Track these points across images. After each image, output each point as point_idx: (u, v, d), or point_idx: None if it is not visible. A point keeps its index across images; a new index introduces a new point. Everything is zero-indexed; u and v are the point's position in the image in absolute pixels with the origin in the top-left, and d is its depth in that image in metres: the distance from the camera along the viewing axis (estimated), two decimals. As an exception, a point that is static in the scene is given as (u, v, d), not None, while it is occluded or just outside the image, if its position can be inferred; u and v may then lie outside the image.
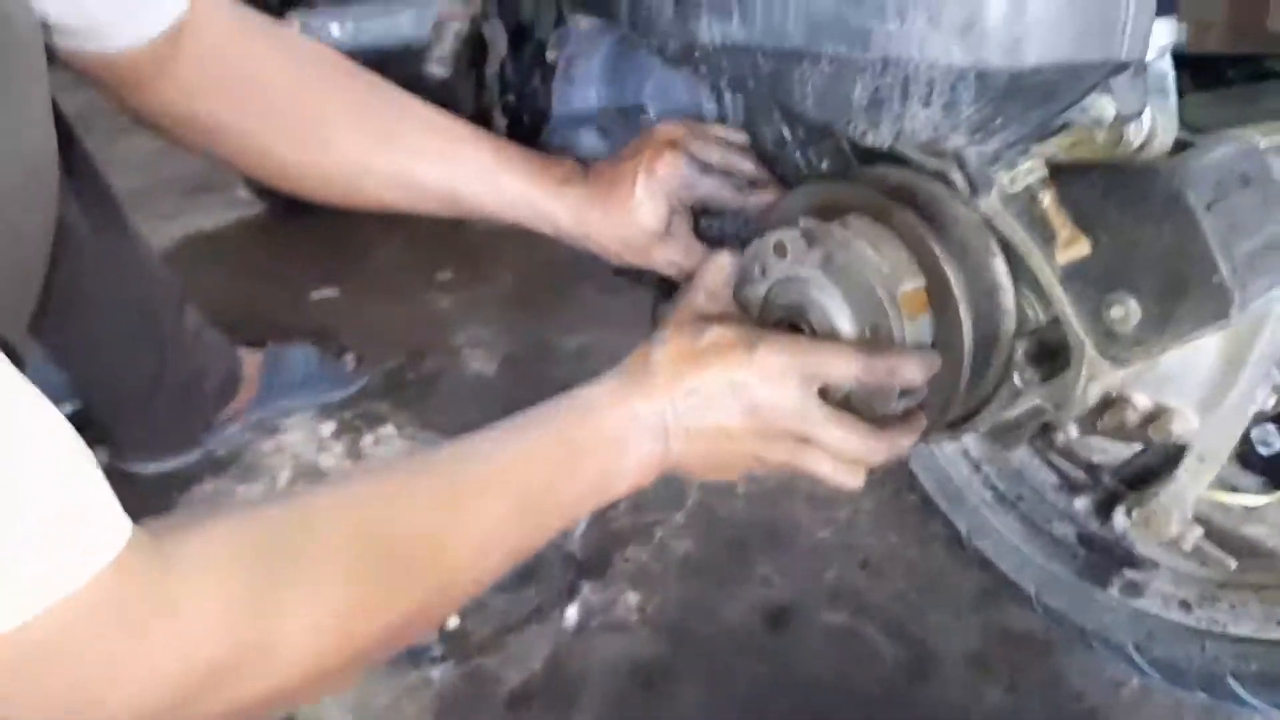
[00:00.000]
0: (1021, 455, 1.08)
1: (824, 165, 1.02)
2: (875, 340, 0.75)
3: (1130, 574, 0.96)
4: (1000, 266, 0.75)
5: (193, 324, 1.43)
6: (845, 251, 0.74)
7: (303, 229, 2.28)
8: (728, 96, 1.09)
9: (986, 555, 1.08)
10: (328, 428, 1.61)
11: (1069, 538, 1.02)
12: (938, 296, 0.75)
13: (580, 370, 1.79)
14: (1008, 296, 0.75)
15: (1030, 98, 0.61)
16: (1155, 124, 0.68)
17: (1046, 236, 0.71)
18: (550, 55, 1.19)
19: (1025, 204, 0.71)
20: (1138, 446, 0.99)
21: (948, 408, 0.80)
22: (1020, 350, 0.77)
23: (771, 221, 0.85)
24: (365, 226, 2.22)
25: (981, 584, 1.17)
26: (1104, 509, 1.01)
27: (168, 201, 2.49)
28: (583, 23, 1.14)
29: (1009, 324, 0.77)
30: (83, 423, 1.50)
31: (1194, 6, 0.72)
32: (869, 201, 0.77)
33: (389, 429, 1.59)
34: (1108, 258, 0.69)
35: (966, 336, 0.74)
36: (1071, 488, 1.03)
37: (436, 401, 1.65)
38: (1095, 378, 0.73)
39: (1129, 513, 0.89)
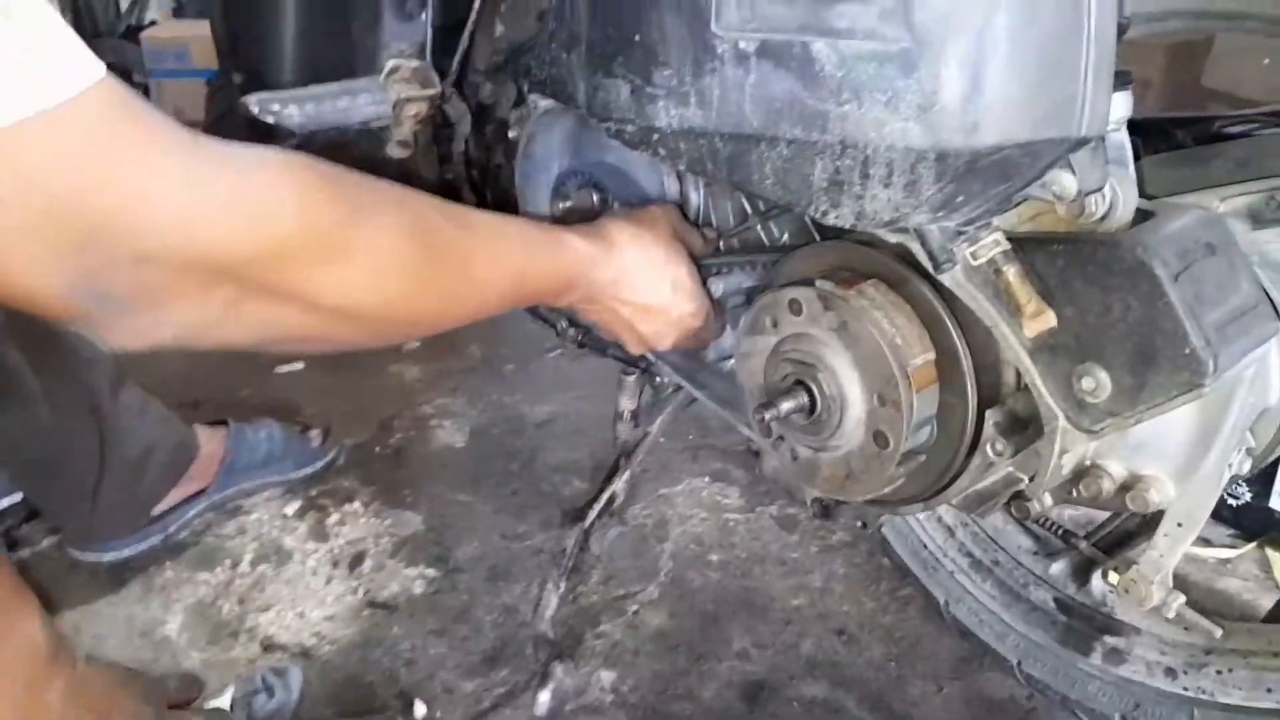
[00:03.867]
0: (995, 519, 1.07)
1: (785, 239, 1.03)
2: (882, 408, 0.76)
3: (1112, 640, 0.95)
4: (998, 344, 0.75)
5: (133, 401, 1.37)
6: (860, 321, 0.75)
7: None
8: (686, 178, 1.09)
9: (965, 623, 1.06)
10: (292, 506, 1.57)
11: (1048, 604, 1.00)
12: (946, 370, 0.75)
13: (548, 439, 1.79)
14: (1007, 370, 0.75)
15: (991, 176, 0.61)
16: (1116, 194, 0.68)
17: (1012, 310, 0.71)
18: (512, 133, 1.19)
19: (989, 277, 0.71)
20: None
21: (945, 480, 0.80)
22: (991, 422, 0.77)
23: (784, 277, 0.85)
24: None
25: (960, 651, 1.15)
26: (1081, 574, 1.00)
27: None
28: (542, 102, 1.15)
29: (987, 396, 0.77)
30: (29, 513, 1.46)
31: (1132, 67, 0.73)
32: (884, 268, 0.78)
33: (355, 505, 1.55)
34: (1076, 330, 0.69)
35: (971, 410, 0.75)
36: (1048, 553, 1.02)
37: (405, 475, 1.62)
38: (1069, 449, 0.73)
39: (1106, 577, 0.88)
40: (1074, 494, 0.80)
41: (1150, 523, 0.91)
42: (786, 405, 0.80)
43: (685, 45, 0.68)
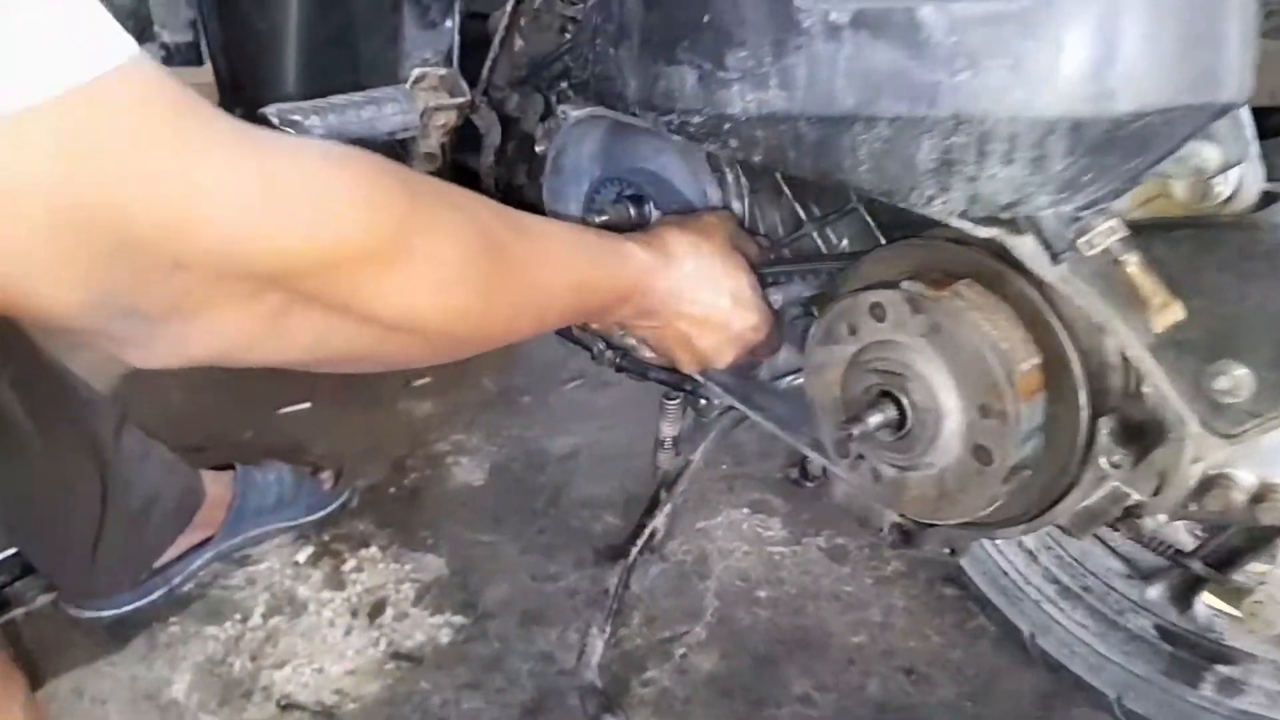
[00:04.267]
0: (1080, 542, 0.99)
1: (844, 244, 0.97)
2: (984, 419, 0.69)
3: (1225, 670, 0.86)
4: (1109, 344, 0.68)
5: (136, 445, 1.28)
6: (956, 323, 0.67)
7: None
8: (730, 180, 1.03)
9: (1054, 656, 0.98)
10: (305, 553, 1.48)
11: (1148, 631, 0.92)
12: (1053, 376, 0.68)
13: (572, 473, 1.71)
14: (1116, 374, 0.68)
15: (1128, 148, 0.55)
16: (1243, 174, 0.62)
17: (1132, 304, 0.64)
18: (539, 148, 1.12)
19: (1103, 269, 0.64)
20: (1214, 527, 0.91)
21: (1052, 498, 0.72)
22: (1106, 430, 0.69)
23: (861, 280, 0.78)
24: None
25: (1043, 687, 1.07)
26: (1182, 597, 0.92)
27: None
28: (573, 113, 1.08)
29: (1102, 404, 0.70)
30: (23, 568, 1.36)
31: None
32: (978, 266, 0.71)
33: (372, 550, 1.46)
34: (1208, 323, 0.62)
35: (1083, 419, 0.67)
36: (1143, 575, 0.94)
37: (423, 517, 1.53)
38: (1201, 456, 0.65)
39: (1223, 600, 0.80)
40: (1195, 508, 0.72)
41: (1263, 537, 0.84)
42: (874, 420, 0.73)
43: (764, 22, 0.62)
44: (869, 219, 0.89)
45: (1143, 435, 0.70)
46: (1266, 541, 0.84)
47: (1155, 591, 0.92)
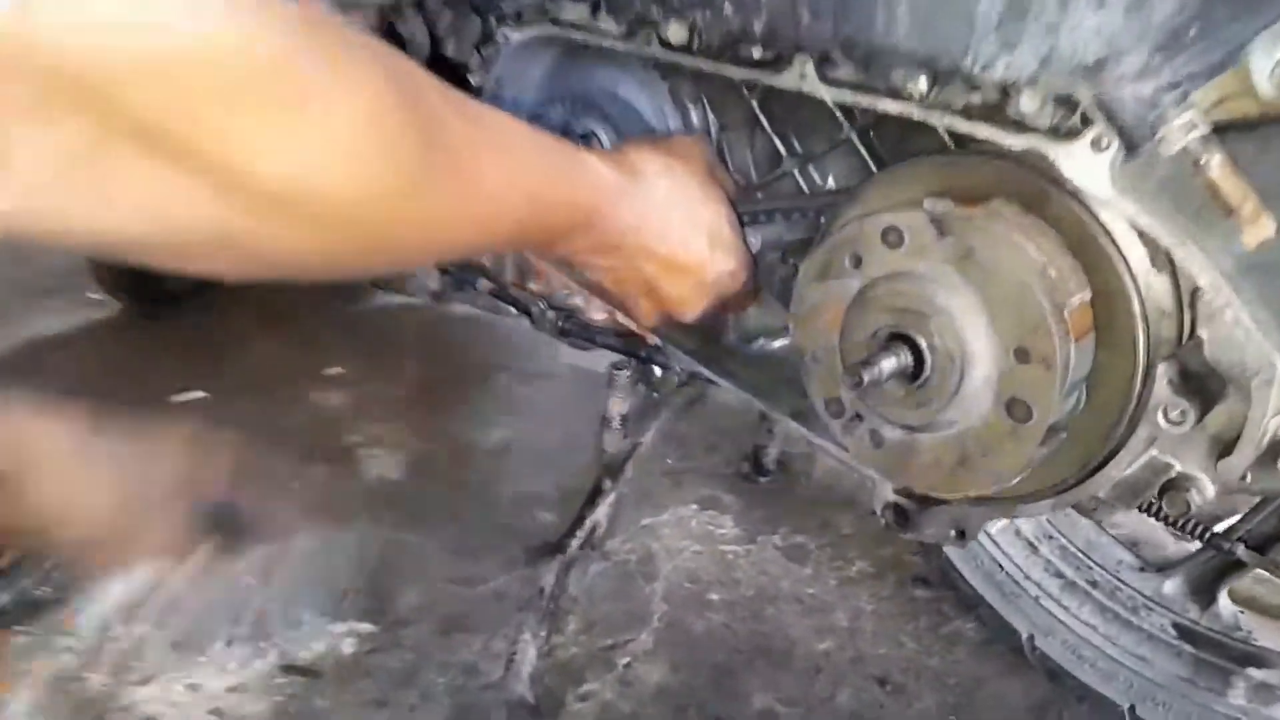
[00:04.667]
0: (1085, 530, 0.88)
1: (829, 183, 0.84)
2: (1023, 365, 0.56)
3: (1258, 674, 0.76)
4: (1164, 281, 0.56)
5: None
6: (994, 246, 0.55)
7: (166, 330, 1.96)
8: (696, 114, 0.90)
9: (1056, 661, 0.86)
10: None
11: (1166, 631, 0.81)
12: (1104, 314, 0.56)
13: (502, 468, 1.55)
14: (1171, 321, 0.56)
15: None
16: (1348, 60, 0.51)
17: (1210, 218, 0.53)
18: (474, 79, 0.98)
19: (1176, 175, 0.53)
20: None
21: (1094, 463, 0.60)
22: (1166, 380, 0.58)
23: (866, 206, 0.65)
24: (240, 323, 1.94)
25: (1034, 696, 0.95)
26: (1203, 592, 0.82)
27: (-2, 306, 2.12)
28: (514, 36, 0.94)
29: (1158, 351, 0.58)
30: None
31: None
32: (1014, 183, 0.58)
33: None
34: (1307, 239, 0.51)
35: (1139, 365, 0.56)
36: (1157, 568, 0.83)
37: (328, 513, 1.35)
38: (1287, 407, 0.54)
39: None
40: (1257, 476, 0.61)
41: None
42: (887, 364, 0.60)
43: None
44: (864, 151, 0.77)
45: (1204, 387, 0.59)
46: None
47: (1172, 585, 0.81)
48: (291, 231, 0.44)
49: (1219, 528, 0.75)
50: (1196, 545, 0.83)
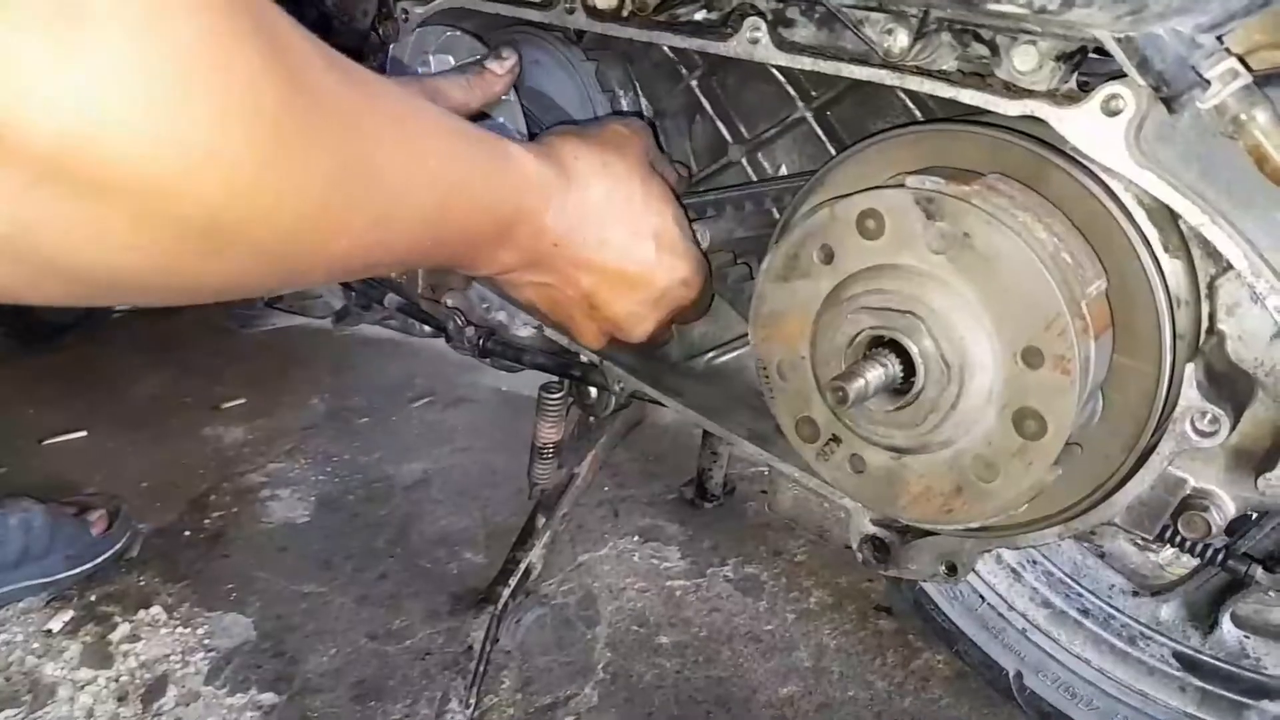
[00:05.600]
0: (1070, 552, 0.79)
1: (781, 170, 0.75)
2: (1032, 370, 0.47)
3: (1272, 707, 0.68)
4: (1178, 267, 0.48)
5: None
6: (995, 229, 0.46)
7: (41, 366, 1.78)
8: (627, 100, 0.80)
9: (1046, 699, 0.77)
10: (61, 619, 1.13)
11: (1168, 661, 0.73)
12: (1122, 308, 0.47)
13: (422, 504, 1.41)
14: (1187, 313, 0.48)
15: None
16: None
17: (1251, 189, 0.44)
18: (370, 64, 0.86)
19: (1214, 137, 0.44)
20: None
21: (1112, 483, 0.51)
22: (1194, 383, 0.49)
23: (834, 190, 0.56)
24: (127, 353, 1.79)
25: (1018, 736, 0.86)
26: (1203, 616, 0.74)
27: None
28: (416, 10, 0.83)
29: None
30: None
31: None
32: (1012, 156, 0.50)
33: (154, 611, 1.13)
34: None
35: (1166, 366, 0.47)
36: (1152, 592, 0.75)
37: (227, 566, 1.20)
38: (1348, 410, 0.46)
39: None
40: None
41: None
42: (873, 376, 0.50)
43: None
44: (821, 133, 0.67)
45: (1233, 391, 0.51)
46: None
47: (1170, 610, 0.73)
48: (81, 227, 0.31)
49: (1219, 543, 0.67)
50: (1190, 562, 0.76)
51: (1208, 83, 0.40)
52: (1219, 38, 0.43)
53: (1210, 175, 0.46)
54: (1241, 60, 0.43)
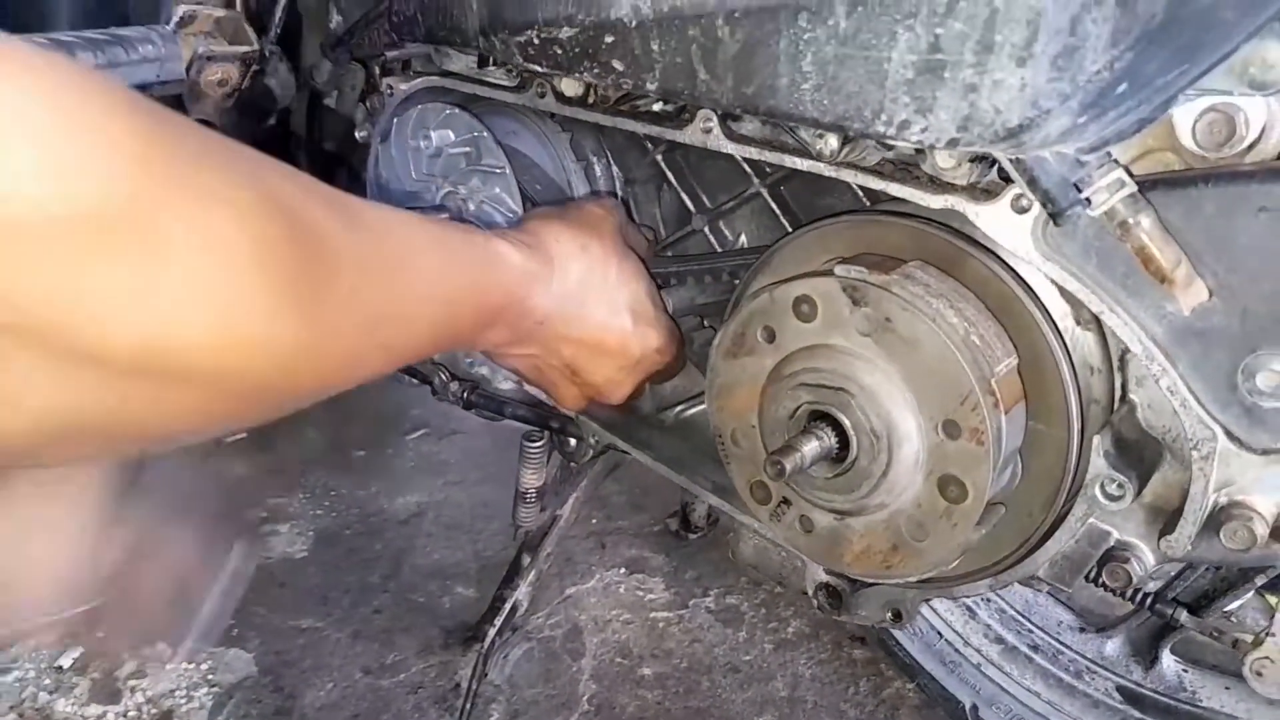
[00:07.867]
0: (1022, 591, 0.84)
1: (741, 241, 0.80)
2: (952, 440, 0.52)
3: (1208, 739, 0.72)
4: (1090, 339, 0.53)
5: None
6: (914, 315, 0.50)
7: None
8: (600, 168, 0.85)
9: (1002, 732, 0.82)
10: (70, 656, 1.17)
11: (1111, 695, 0.78)
12: (1034, 382, 0.52)
13: (415, 539, 1.46)
14: (1103, 379, 0.53)
15: (1186, 40, 0.39)
16: (1272, 108, 0.48)
17: (1139, 282, 0.49)
18: (361, 134, 0.91)
19: (1102, 237, 0.49)
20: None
21: (1031, 541, 0.56)
22: (1101, 451, 0.54)
23: (775, 274, 0.61)
24: None
25: (982, 764, 0.90)
26: (1144, 651, 0.79)
27: None
28: (399, 86, 0.88)
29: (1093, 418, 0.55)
30: None
31: None
32: (930, 245, 0.55)
33: (159, 647, 1.17)
34: (1244, 303, 0.48)
35: (1074, 436, 0.52)
36: (1098, 628, 0.80)
37: (227, 601, 1.24)
38: (1234, 479, 0.51)
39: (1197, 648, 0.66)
40: (1202, 546, 0.58)
41: (1243, 577, 0.71)
42: (809, 449, 0.55)
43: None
44: (775, 207, 0.72)
45: (1141, 456, 0.56)
46: (1245, 580, 0.71)
47: (1114, 646, 0.78)
48: (173, 404, 0.37)
49: (1152, 587, 0.72)
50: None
51: (1088, 201, 0.45)
52: (1109, 152, 0.48)
53: (1107, 269, 0.50)
54: (1128, 170, 0.49)
